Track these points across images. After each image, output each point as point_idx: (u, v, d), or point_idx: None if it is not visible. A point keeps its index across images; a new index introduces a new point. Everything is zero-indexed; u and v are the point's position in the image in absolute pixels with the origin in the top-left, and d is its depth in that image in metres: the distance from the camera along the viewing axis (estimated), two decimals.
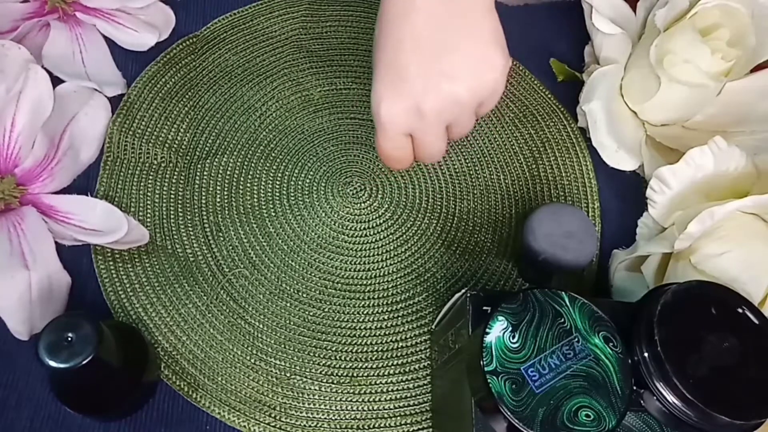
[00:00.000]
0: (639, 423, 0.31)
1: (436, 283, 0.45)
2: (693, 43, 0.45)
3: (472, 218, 0.48)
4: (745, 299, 0.32)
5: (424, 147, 0.37)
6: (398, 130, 0.35)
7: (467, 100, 0.35)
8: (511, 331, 0.29)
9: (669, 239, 0.41)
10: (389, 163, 0.39)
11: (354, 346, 0.43)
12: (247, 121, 0.50)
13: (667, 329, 0.30)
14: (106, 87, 0.48)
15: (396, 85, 0.34)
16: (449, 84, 0.34)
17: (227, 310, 0.43)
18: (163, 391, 0.40)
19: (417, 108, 0.34)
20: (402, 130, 0.36)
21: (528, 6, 0.57)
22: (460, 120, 0.36)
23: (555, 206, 0.41)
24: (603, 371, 0.29)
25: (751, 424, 0.29)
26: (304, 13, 0.55)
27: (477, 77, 0.34)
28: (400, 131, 0.36)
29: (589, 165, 0.51)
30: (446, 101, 0.34)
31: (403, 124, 0.35)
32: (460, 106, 0.35)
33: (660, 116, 0.50)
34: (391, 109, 0.34)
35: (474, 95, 0.35)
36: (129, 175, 0.47)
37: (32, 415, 0.39)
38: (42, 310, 0.40)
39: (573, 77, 0.53)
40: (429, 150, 0.37)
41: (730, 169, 0.42)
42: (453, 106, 0.35)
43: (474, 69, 0.34)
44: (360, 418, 0.41)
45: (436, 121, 0.35)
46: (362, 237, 0.46)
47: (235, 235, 0.45)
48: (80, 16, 0.50)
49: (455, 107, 0.35)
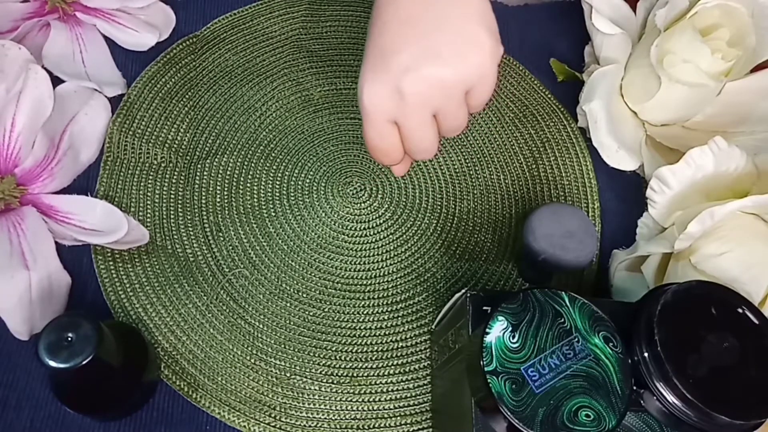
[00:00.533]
0: (639, 423, 0.31)
1: (436, 283, 0.45)
2: (693, 43, 0.45)
3: (472, 218, 0.48)
4: (745, 299, 0.32)
5: (410, 137, 0.34)
6: (381, 115, 0.33)
7: (452, 83, 0.32)
8: (511, 331, 0.29)
9: (669, 239, 0.41)
10: (377, 156, 0.36)
11: (354, 346, 0.43)
12: (247, 121, 0.50)
13: (667, 329, 0.30)
14: (106, 87, 0.48)
15: (377, 67, 0.32)
16: (432, 64, 0.31)
17: (227, 310, 0.43)
18: (163, 391, 0.40)
19: (397, 88, 0.32)
20: (385, 116, 0.33)
21: (528, 6, 0.57)
22: (448, 108, 0.33)
23: (555, 206, 0.41)
24: (603, 371, 0.29)
25: (751, 424, 0.29)
26: (304, 13, 0.55)
27: (462, 58, 0.32)
28: (382, 117, 0.33)
29: (589, 165, 0.51)
30: (428, 83, 0.32)
31: (385, 108, 0.33)
32: (445, 90, 0.32)
33: (660, 116, 0.50)
34: (372, 91, 0.32)
35: (459, 78, 0.32)
36: (129, 175, 0.47)
37: (32, 415, 0.39)
38: (42, 310, 0.40)
39: (573, 77, 0.53)
40: (416, 142, 0.35)
41: (730, 169, 0.42)
42: (437, 89, 0.32)
43: (459, 49, 0.32)
44: (360, 418, 0.41)
45: (420, 106, 0.33)
46: (362, 237, 0.46)
47: (235, 235, 0.45)
48: (80, 16, 0.50)
49: (439, 91, 0.32)
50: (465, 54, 0.32)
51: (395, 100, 0.32)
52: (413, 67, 0.31)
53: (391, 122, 0.34)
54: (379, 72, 0.32)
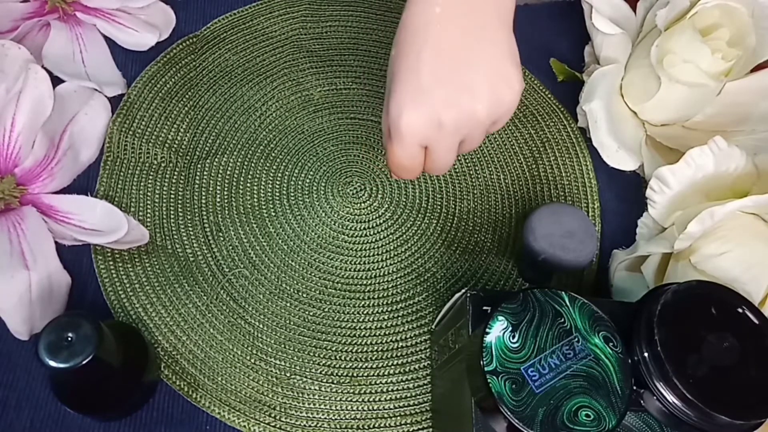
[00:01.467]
0: (639, 423, 0.31)
1: (436, 283, 0.45)
2: (693, 43, 0.45)
3: (472, 218, 0.48)
4: (745, 299, 0.32)
5: (436, 159, 0.37)
6: (416, 140, 0.36)
7: (484, 118, 0.35)
8: (511, 331, 0.29)
9: (669, 239, 0.41)
10: (399, 173, 0.39)
11: (354, 346, 0.43)
12: (247, 121, 0.50)
13: (667, 329, 0.30)
14: (106, 87, 0.48)
15: (417, 96, 0.35)
16: (470, 99, 0.34)
17: (227, 310, 0.43)
18: (163, 391, 0.40)
19: (437, 119, 0.35)
20: (419, 141, 0.36)
21: (528, 6, 0.57)
22: (473, 135, 0.37)
23: (555, 206, 0.41)
24: (603, 371, 0.29)
25: (751, 424, 0.29)
26: (304, 13, 0.55)
27: (496, 96, 0.35)
28: (417, 141, 0.36)
29: (589, 165, 0.51)
30: (464, 115, 0.35)
31: (421, 134, 0.35)
32: (477, 122, 0.35)
33: (660, 116, 0.50)
34: (412, 118, 0.35)
35: (491, 113, 0.35)
36: (129, 175, 0.47)
37: (32, 415, 0.39)
38: (42, 310, 0.40)
39: (573, 77, 0.53)
40: (440, 162, 0.38)
41: (730, 169, 0.42)
42: (470, 121, 0.35)
43: (494, 87, 0.35)
44: (360, 418, 0.41)
45: (453, 134, 0.36)
46: (362, 237, 0.46)
47: (235, 235, 0.45)
48: (80, 16, 0.50)
49: (472, 122, 0.35)
50: (498, 92, 0.35)
51: (432, 129, 0.35)
52: (452, 103, 0.34)
53: (422, 146, 0.37)
54: (419, 101, 0.35)
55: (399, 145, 0.36)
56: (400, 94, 0.35)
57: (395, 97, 0.35)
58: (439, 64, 0.34)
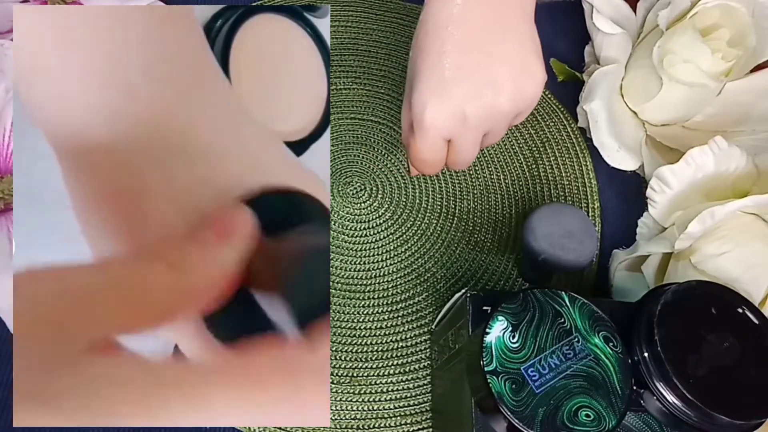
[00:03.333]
0: (639, 423, 0.31)
1: (436, 283, 0.45)
2: (693, 43, 0.45)
3: (472, 218, 0.48)
4: (745, 299, 0.32)
5: (459, 152, 0.38)
6: (440, 133, 0.36)
7: (508, 111, 0.35)
8: (511, 331, 0.29)
9: (669, 239, 0.41)
10: (421, 167, 0.39)
11: (354, 346, 0.43)
12: None
13: (667, 329, 0.30)
14: None
15: (441, 90, 0.35)
16: (493, 93, 0.34)
17: None
18: None
19: (461, 113, 0.35)
20: (444, 134, 0.36)
21: None
22: (497, 128, 0.37)
23: (555, 206, 0.41)
24: (603, 371, 0.29)
25: (751, 424, 0.29)
26: None
27: (519, 89, 0.35)
28: (441, 135, 0.36)
29: (589, 165, 0.51)
30: (488, 109, 0.35)
31: (446, 128, 0.36)
32: (501, 115, 0.35)
33: (660, 116, 0.50)
34: (436, 112, 0.35)
35: (515, 106, 0.35)
36: None
37: None
38: None
39: (573, 77, 0.53)
40: (463, 156, 0.38)
41: (730, 169, 0.42)
42: (494, 114, 0.35)
43: (517, 80, 0.35)
44: (360, 418, 0.41)
45: (477, 127, 0.36)
46: (362, 237, 0.46)
47: None
48: None
49: (496, 115, 0.35)
50: (522, 85, 0.35)
51: (456, 122, 0.35)
52: (476, 96, 0.34)
53: (446, 139, 0.37)
54: (443, 95, 0.35)
55: (422, 139, 0.36)
56: (424, 88, 0.35)
57: (418, 92, 0.35)
58: (462, 58, 0.34)
